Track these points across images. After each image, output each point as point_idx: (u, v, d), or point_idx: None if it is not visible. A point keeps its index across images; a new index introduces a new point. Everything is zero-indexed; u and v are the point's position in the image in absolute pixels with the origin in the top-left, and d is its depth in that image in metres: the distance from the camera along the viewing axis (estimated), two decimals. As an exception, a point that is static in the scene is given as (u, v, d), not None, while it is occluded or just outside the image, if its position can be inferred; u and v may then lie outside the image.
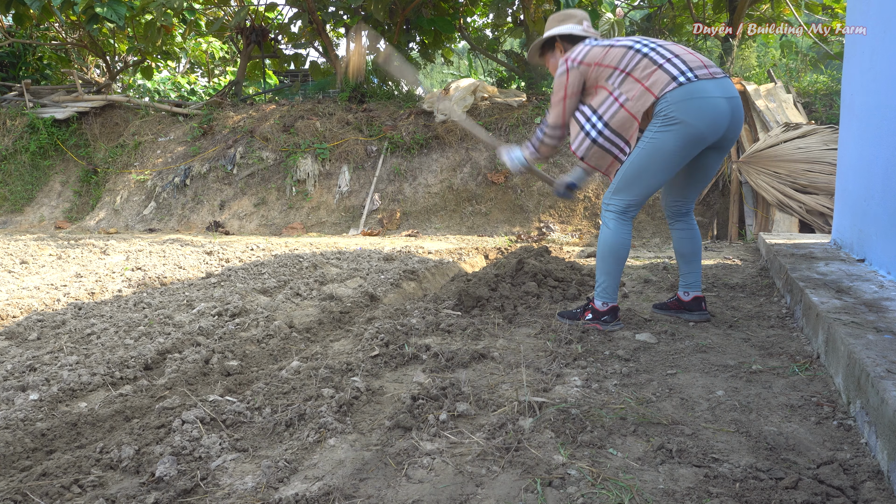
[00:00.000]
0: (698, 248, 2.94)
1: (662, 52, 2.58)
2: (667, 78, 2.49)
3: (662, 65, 2.53)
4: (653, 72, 2.53)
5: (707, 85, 2.49)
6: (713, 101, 2.49)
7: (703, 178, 2.83)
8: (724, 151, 2.74)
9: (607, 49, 2.66)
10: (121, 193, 9.45)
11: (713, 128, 2.51)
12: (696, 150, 2.56)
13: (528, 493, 1.49)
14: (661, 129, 2.51)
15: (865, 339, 1.98)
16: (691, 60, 2.55)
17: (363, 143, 8.96)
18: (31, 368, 2.68)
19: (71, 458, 1.81)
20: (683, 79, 2.48)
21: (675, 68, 2.51)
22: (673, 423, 1.84)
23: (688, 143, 2.51)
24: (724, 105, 2.52)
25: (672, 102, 2.47)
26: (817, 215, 5.84)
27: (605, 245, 2.74)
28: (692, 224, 2.94)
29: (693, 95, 2.47)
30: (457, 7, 10.14)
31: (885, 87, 3.07)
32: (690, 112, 2.46)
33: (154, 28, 9.72)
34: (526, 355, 2.51)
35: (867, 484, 1.48)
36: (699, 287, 2.97)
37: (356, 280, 4.24)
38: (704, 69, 2.54)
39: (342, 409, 2.01)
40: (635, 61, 2.58)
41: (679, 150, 2.53)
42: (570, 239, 7.01)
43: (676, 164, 2.58)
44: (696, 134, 2.49)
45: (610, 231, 2.72)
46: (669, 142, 2.51)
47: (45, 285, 4.48)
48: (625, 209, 2.70)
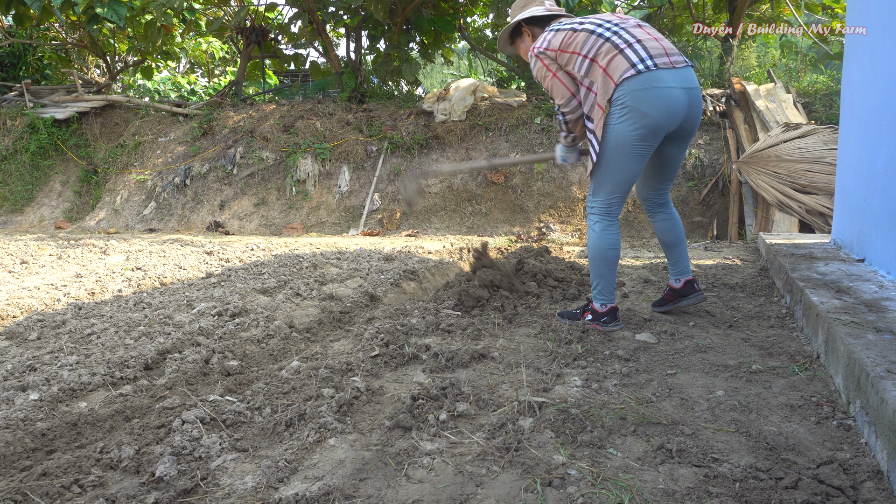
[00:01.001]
0: (681, 235, 2.95)
1: (625, 35, 2.54)
2: (626, 64, 2.46)
3: (623, 49, 2.49)
4: (613, 56, 2.50)
5: (664, 74, 2.46)
6: (669, 91, 2.46)
7: (671, 169, 2.83)
8: (684, 142, 2.73)
9: (570, 34, 2.61)
10: (121, 193, 9.45)
11: (669, 117, 2.49)
12: (656, 140, 2.55)
13: (528, 493, 1.49)
14: (618, 119, 2.50)
15: (865, 339, 1.98)
16: (653, 47, 2.51)
17: (363, 143, 8.96)
18: (32, 368, 2.68)
19: (71, 458, 1.81)
20: (642, 66, 2.45)
21: (635, 54, 2.48)
22: (673, 423, 1.84)
23: (646, 133, 2.50)
24: (681, 95, 2.49)
25: (628, 91, 2.45)
26: (817, 215, 5.84)
27: (593, 249, 2.75)
28: (671, 213, 2.94)
29: (649, 85, 2.44)
30: (457, 7, 10.13)
31: (885, 87, 3.07)
32: (645, 101, 2.44)
33: (154, 28, 9.72)
34: (526, 355, 2.51)
35: (867, 484, 1.48)
36: (689, 271, 2.99)
37: (356, 280, 4.24)
38: (665, 57, 2.50)
39: (342, 409, 2.01)
40: (598, 46, 2.54)
41: (638, 140, 2.51)
42: (570, 239, 7.01)
43: (640, 154, 2.56)
44: (653, 123, 2.48)
45: (595, 234, 2.73)
46: (627, 132, 2.50)
47: (45, 285, 4.48)
48: (607, 209, 2.70)
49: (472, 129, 8.67)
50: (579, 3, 8.20)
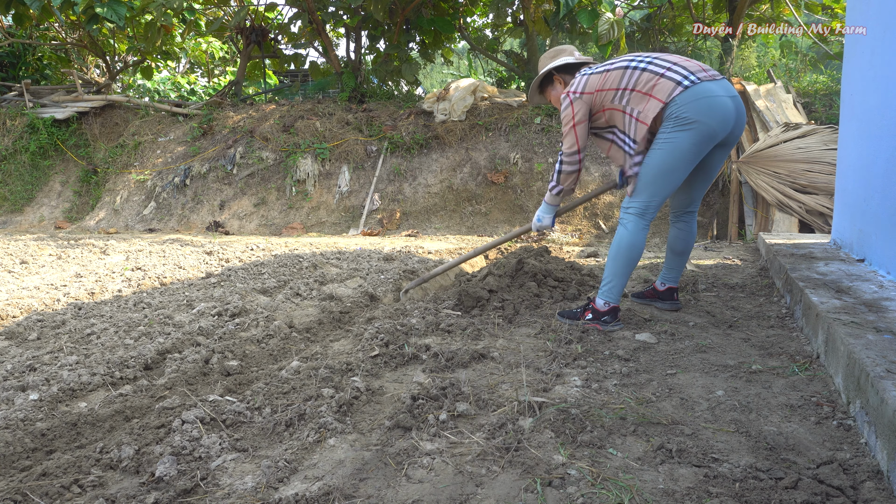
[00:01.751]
0: (690, 249, 3.10)
1: (660, 62, 2.69)
2: (671, 84, 2.60)
3: (664, 74, 2.63)
4: (656, 82, 2.63)
5: (711, 85, 2.60)
6: (720, 99, 2.59)
7: (708, 175, 2.94)
8: (729, 148, 2.84)
9: (605, 74, 2.77)
10: (121, 193, 9.45)
11: (723, 124, 2.61)
12: (708, 147, 2.66)
13: (528, 493, 1.49)
14: (676, 129, 2.60)
15: (865, 339, 1.98)
16: (690, 66, 2.66)
17: (363, 143, 8.96)
18: (31, 368, 2.68)
19: (71, 458, 1.81)
20: (688, 82, 2.58)
21: (677, 74, 2.62)
22: (673, 423, 1.84)
23: (701, 141, 2.61)
24: (730, 103, 2.63)
25: (683, 104, 2.57)
26: (817, 215, 5.84)
27: (619, 245, 2.79)
28: (692, 225, 3.06)
29: (701, 95, 2.57)
30: (457, 7, 10.13)
31: (885, 87, 3.07)
32: (701, 111, 2.56)
33: (154, 28, 9.71)
34: (526, 355, 2.51)
35: (867, 484, 1.48)
36: (676, 280, 3.16)
37: (356, 280, 4.24)
38: (704, 72, 2.65)
39: (342, 409, 2.01)
40: (635, 77, 2.68)
41: (693, 148, 2.62)
42: (570, 239, 7.01)
43: (691, 162, 2.67)
44: (709, 131, 2.59)
45: (627, 231, 2.78)
46: (685, 141, 2.60)
47: (45, 285, 4.48)
48: (643, 210, 2.76)
49: (471, 129, 8.67)
50: (579, 4, 8.20)
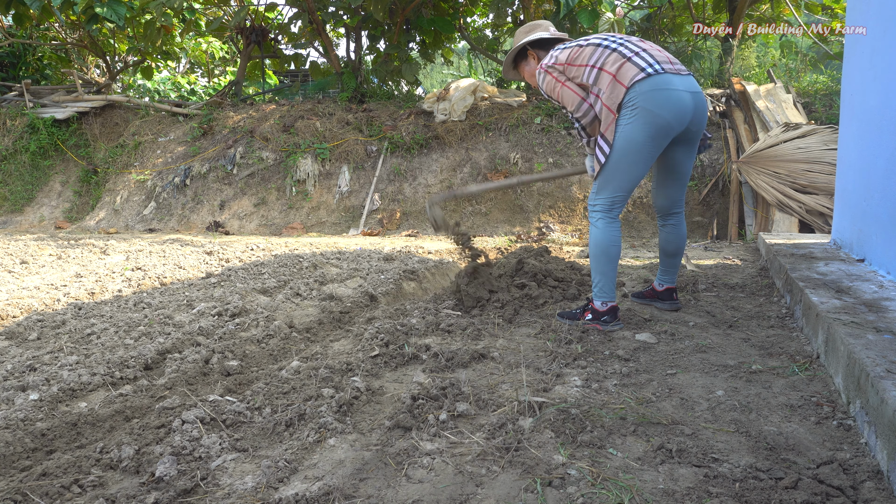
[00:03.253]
0: (682, 249, 3.10)
1: (631, 46, 2.69)
2: (635, 69, 2.59)
3: (631, 58, 2.63)
4: (622, 64, 2.63)
5: (672, 78, 2.60)
6: (678, 93, 2.60)
7: (680, 175, 2.93)
8: (691, 146, 2.84)
9: (577, 49, 2.76)
10: (121, 193, 9.45)
11: (678, 118, 2.61)
12: (665, 141, 2.66)
13: (528, 493, 1.49)
14: (630, 119, 2.60)
15: (865, 339, 1.98)
16: (658, 55, 2.66)
17: (363, 143, 8.96)
18: (31, 368, 2.68)
19: (71, 458, 1.81)
20: (651, 70, 2.58)
21: (643, 61, 2.62)
22: (673, 423, 1.84)
23: (656, 133, 2.60)
24: (688, 98, 2.63)
25: (640, 93, 2.56)
26: (817, 215, 5.84)
27: (595, 245, 2.81)
28: (680, 226, 3.06)
29: (659, 86, 2.56)
30: (457, 7, 10.13)
31: (885, 87, 3.07)
32: (656, 102, 2.56)
33: (154, 28, 9.72)
34: (526, 355, 2.51)
35: (867, 484, 1.48)
36: (674, 281, 3.17)
37: (356, 280, 4.24)
38: (670, 64, 2.65)
39: (342, 409, 2.01)
40: (605, 56, 2.68)
41: (648, 141, 2.61)
42: (570, 239, 7.01)
43: (649, 154, 2.65)
44: (663, 123, 2.59)
45: (598, 230, 2.79)
46: (638, 132, 2.59)
47: (45, 285, 4.48)
48: (610, 206, 2.76)
49: (472, 129, 8.66)
50: (579, 4, 8.20)
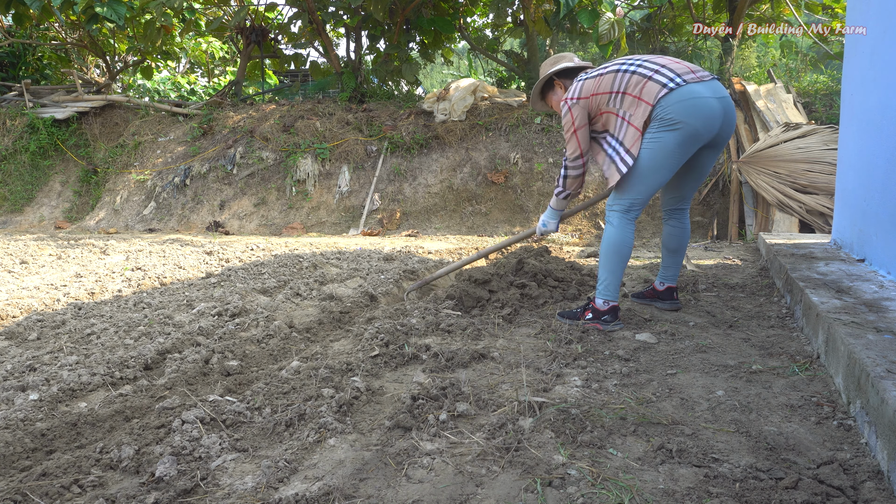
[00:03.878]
0: (684, 246, 3.13)
1: (649, 65, 2.74)
2: (657, 87, 2.64)
3: (651, 76, 2.68)
4: (644, 84, 2.68)
5: (696, 87, 2.64)
6: (705, 100, 2.63)
7: (699, 175, 2.98)
8: (718, 149, 2.87)
9: (598, 78, 2.81)
10: (121, 193, 9.45)
11: (708, 125, 2.65)
12: (694, 148, 2.70)
13: (528, 493, 1.49)
14: (661, 130, 2.64)
15: (865, 339, 1.98)
16: (677, 68, 2.71)
17: (363, 143, 8.96)
18: (31, 368, 2.68)
19: (71, 458, 1.81)
20: (673, 84, 2.63)
21: (663, 77, 2.67)
22: (673, 423, 1.84)
23: (686, 141, 2.64)
24: (716, 104, 2.66)
25: (668, 105, 2.61)
26: (817, 215, 5.84)
27: (608, 242, 2.83)
28: (685, 222, 3.09)
29: (685, 97, 2.61)
30: (457, 7, 10.13)
31: (885, 87, 3.07)
32: (685, 112, 2.60)
33: (154, 28, 9.71)
34: (526, 355, 2.51)
35: (867, 484, 1.48)
36: (675, 280, 3.19)
37: (356, 280, 4.24)
38: (692, 74, 2.69)
39: (342, 409, 2.01)
40: (626, 80, 2.73)
41: (678, 149, 2.65)
42: (570, 239, 7.01)
43: (676, 162, 2.70)
44: (693, 132, 2.63)
45: (614, 228, 2.82)
46: (669, 141, 2.64)
47: (45, 285, 4.48)
48: (628, 208, 2.80)
49: (472, 129, 8.67)
50: (579, 4, 8.20)
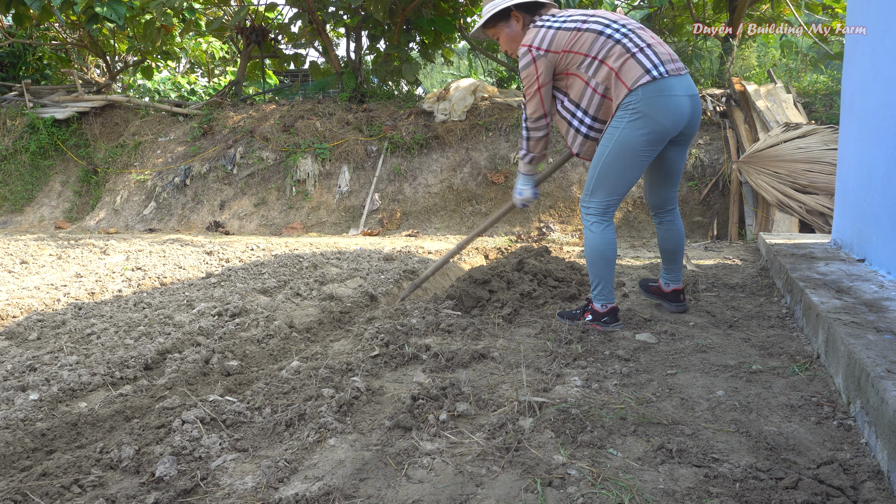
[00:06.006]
0: (680, 245, 3.01)
1: (635, 38, 2.54)
2: (640, 70, 2.48)
3: (635, 53, 2.50)
4: (626, 60, 2.50)
5: (673, 83, 2.51)
6: (678, 99, 2.52)
7: (672, 174, 2.87)
8: (684, 146, 2.79)
9: (575, 33, 2.56)
10: (121, 193, 9.45)
11: (675, 124, 2.56)
12: (660, 146, 2.61)
13: (528, 493, 1.49)
14: (628, 123, 2.52)
15: (865, 339, 1.98)
16: (662, 53, 2.54)
17: (363, 143, 8.96)
18: (31, 368, 2.68)
19: (71, 458, 1.81)
20: (656, 73, 2.47)
21: (647, 60, 2.49)
22: (673, 423, 1.84)
23: (653, 139, 2.55)
24: (687, 103, 2.57)
25: (641, 98, 2.47)
26: (817, 215, 5.84)
27: (592, 249, 2.75)
28: (676, 222, 2.98)
29: (663, 93, 2.48)
30: (457, 7, 10.12)
31: (885, 87, 3.07)
32: (657, 109, 2.49)
33: (154, 28, 9.71)
34: (526, 355, 2.51)
35: (867, 484, 1.48)
36: (679, 281, 3.10)
37: (356, 280, 4.24)
38: (672, 63, 2.54)
39: (342, 409, 2.01)
40: (607, 47, 2.52)
41: (645, 146, 2.56)
42: (570, 239, 7.01)
43: (644, 159, 2.60)
44: (661, 130, 2.53)
45: (594, 234, 2.73)
46: (636, 137, 2.53)
47: (45, 285, 4.48)
48: (604, 210, 2.71)
49: (472, 128, 8.67)
50: (580, 4, 8.20)
